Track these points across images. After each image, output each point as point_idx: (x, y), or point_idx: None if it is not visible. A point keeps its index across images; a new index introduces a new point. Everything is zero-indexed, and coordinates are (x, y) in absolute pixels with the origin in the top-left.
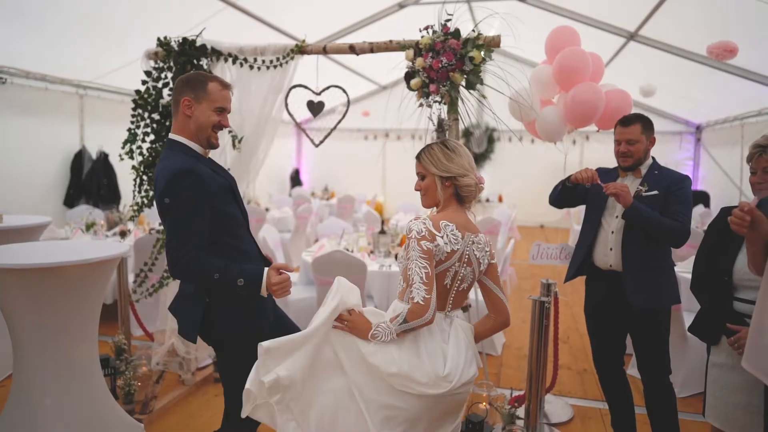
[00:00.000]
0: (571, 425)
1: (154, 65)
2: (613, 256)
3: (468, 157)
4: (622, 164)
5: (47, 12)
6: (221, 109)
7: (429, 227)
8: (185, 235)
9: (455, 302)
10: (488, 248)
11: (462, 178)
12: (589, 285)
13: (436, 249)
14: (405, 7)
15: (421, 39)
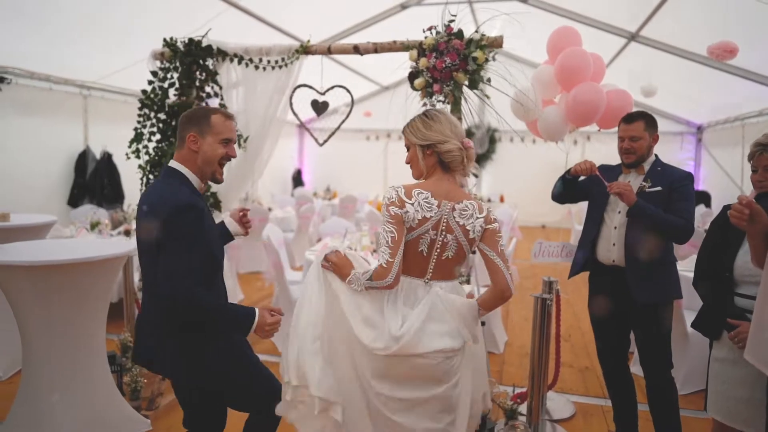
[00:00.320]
0: (573, 421)
1: (160, 65)
2: (616, 251)
3: (450, 124)
4: (625, 161)
5: (51, 12)
6: (227, 140)
7: (400, 194)
8: (186, 270)
9: (438, 271)
10: (480, 214)
11: (442, 144)
12: (592, 281)
13: (405, 215)
14: (407, 8)
15: (424, 39)
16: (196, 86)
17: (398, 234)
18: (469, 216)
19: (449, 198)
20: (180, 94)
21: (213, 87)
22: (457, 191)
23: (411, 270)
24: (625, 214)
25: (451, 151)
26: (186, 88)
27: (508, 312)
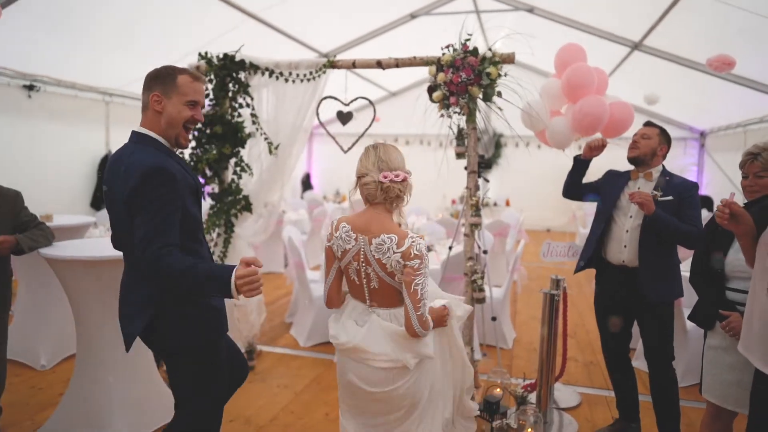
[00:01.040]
0: (579, 410)
1: None
2: (627, 252)
3: (376, 157)
4: (628, 154)
5: (78, 24)
6: (193, 102)
7: (332, 227)
8: (158, 232)
9: (374, 298)
10: (399, 249)
11: (362, 177)
12: (600, 278)
13: (334, 246)
14: (416, 18)
15: (442, 56)
16: (228, 97)
17: (326, 266)
18: (385, 251)
19: (367, 231)
20: (214, 104)
21: (245, 98)
22: (379, 224)
23: (355, 294)
24: (637, 219)
25: (367, 184)
26: (220, 99)
27: (516, 311)
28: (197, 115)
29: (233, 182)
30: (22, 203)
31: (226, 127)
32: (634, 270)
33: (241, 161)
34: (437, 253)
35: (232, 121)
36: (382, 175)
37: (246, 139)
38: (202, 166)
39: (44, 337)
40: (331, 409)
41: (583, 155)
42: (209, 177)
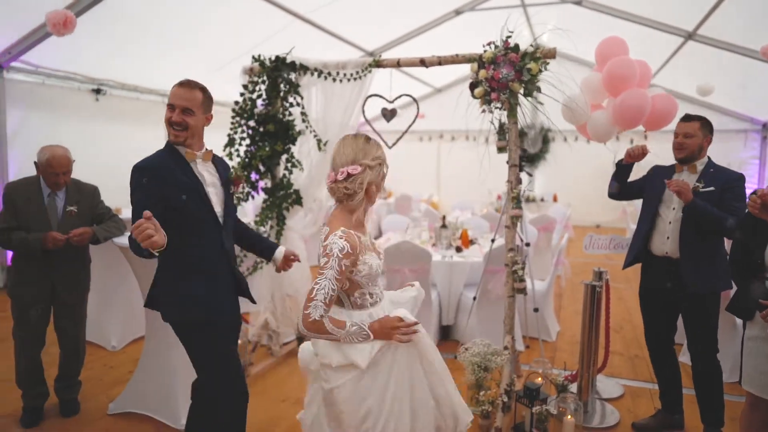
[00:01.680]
0: (622, 401)
1: (249, 79)
2: (670, 244)
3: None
4: (676, 156)
5: (139, 30)
6: (170, 106)
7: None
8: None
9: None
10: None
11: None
12: (645, 269)
13: None
14: (461, 14)
15: (484, 53)
16: (280, 97)
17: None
18: (320, 244)
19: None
20: (267, 104)
21: (295, 98)
22: (331, 219)
23: None
24: (679, 210)
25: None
26: (272, 98)
27: (561, 305)
28: (174, 117)
29: (285, 177)
30: (98, 197)
31: (278, 126)
32: (677, 261)
33: (292, 157)
34: (480, 246)
35: (284, 120)
36: (337, 171)
37: (297, 137)
38: (255, 162)
39: (114, 321)
40: None
41: (624, 160)
42: (262, 173)
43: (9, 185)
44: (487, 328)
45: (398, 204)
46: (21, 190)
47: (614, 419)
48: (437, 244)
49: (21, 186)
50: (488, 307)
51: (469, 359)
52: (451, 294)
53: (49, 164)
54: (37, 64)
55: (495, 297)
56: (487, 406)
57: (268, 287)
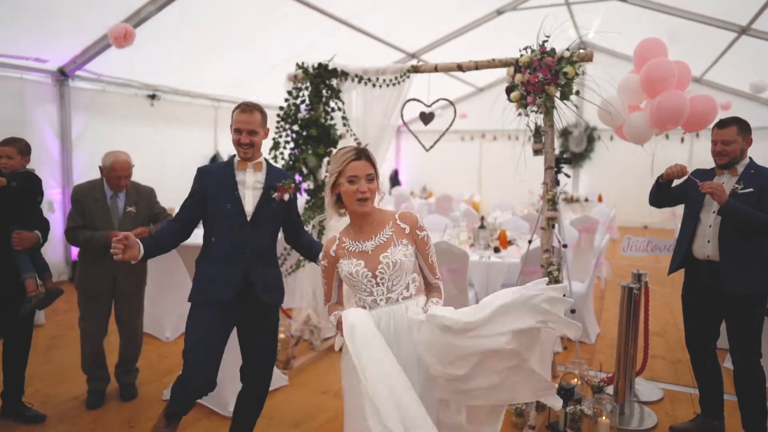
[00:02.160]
0: (661, 404)
1: (293, 86)
2: (710, 247)
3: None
4: (718, 162)
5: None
6: (236, 130)
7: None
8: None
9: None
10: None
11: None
12: (688, 273)
13: None
14: (503, 14)
15: (520, 57)
16: (322, 102)
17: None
18: None
19: None
20: (310, 109)
21: (336, 102)
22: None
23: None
24: (717, 213)
25: None
26: (314, 104)
27: (603, 308)
28: (242, 139)
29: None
30: (155, 198)
31: (320, 130)
32: (718, 264)
33: None
34: (518, 247)
35: (325, 124)
36: None
37: (338, 140)
38: (299, 164)
39: (168, 314)
40: None
41: (664, 176)
42: (305, 175)
43: (76, 188)
44: None
45: (438, 204)
46: (87, 192)
47: (651, 422)
48: (475, 245)
49: (87, 188)
50: None
51: None
52: (488, 294)
53: (112, 168)
54: (98, 72)
55: None
56: (521, 405)
57: (310, 285)
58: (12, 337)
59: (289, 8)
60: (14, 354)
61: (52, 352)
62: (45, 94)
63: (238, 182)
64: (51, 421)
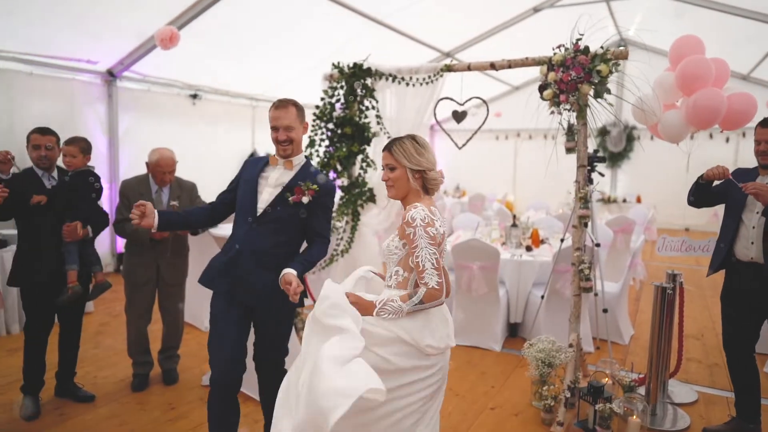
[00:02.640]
0: (694, 407)
1: (329, 85)
2: (755, 249)
3: (433, 153)
4: (760, 162)
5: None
6: (273, 128)
7: (429, 214)
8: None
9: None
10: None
11: (430, 172)
12: (729, 275)
13: (437, 233)
14: (540, 11)
15: (553, 56)
16: (357, 101)
17: (439, 254)
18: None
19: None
20: (345, 107)
21: (371, 101)
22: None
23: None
24: (762, 214)
25: (436, 179)
26: (349, 102)
27: (638, 309)
28: (279, 136)
29: (360, 176)
30: (196, 192)
31: (354, 128)
32: (763, 266)
33: (367, 158)
34: (551, 246)
35: (360, 123)
36: (439, 171)
37: (371, 138)
38: (333, 162)
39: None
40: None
41: (704, 177)
42: (340, 171)
43: (124, 183)
44: (554, 327)
45: (471, 203)
46: (134, 187)
47: (684, 423)
48: (507, 243)
49: (134, 183)
50: (556, 306)
51: (534, 355)
52: (519, 292)
53: (158, 164)
54: (144, 73)
55: (563, 296)
56: (550, 401)
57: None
58: (65, 323)
59: (325, 9)
60: (67, 338)
61: (100, 338)
62: (94, 94)
63: (262, 177)
64: (100, 401)
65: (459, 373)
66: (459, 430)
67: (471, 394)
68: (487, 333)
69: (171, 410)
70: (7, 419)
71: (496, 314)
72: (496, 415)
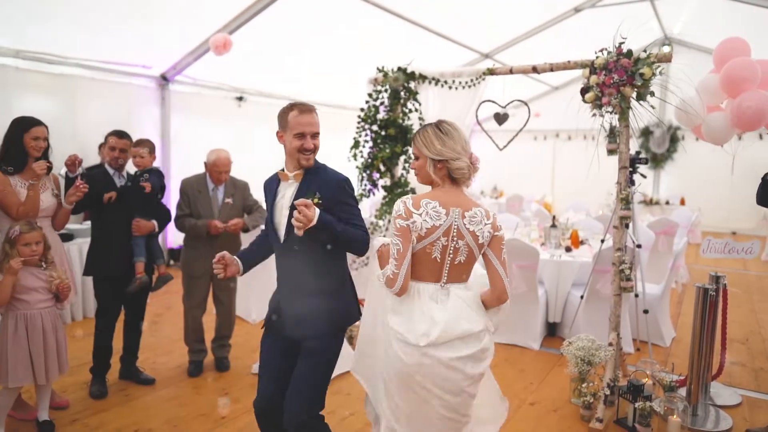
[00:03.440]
0: (738, 409)
1: (374, 88)
2: None
3: (461, 140)
4: None
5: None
6: (300, 135)
7: (407, 206)
8: None
9: (452, 275)
10: (488, 221)
11: (454, 161)
12: None
13: (413, 225)
14: (581, 11)
15: (596, 60)
16: (400, 104)
17: (403, 246)
18: (478, 222)
19: (459, 206)
20: (388, 110)
21: (413, 104)
22: (466, 199)
23: (427, 275)
24: None
25: (462, 168)
26: (393, 105)
27: (681, 312)
28: (306, 144)
29: (402, 177)
30: (248, 191)
31: (398, 130)
32: None
33: (409, 158)
34: (590, 247)
35: (403, 124)
36: (472, 158)
37: None
38: (377, 162)
39: (254, 298)
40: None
41: None
42: (383, 172)
43: (184, 181)
44: (594, 327)
45: (509, 204)
46: (192, 185)
47: (726, 425)
48: (546, 243)
49: (192, 181)
50: (596, 306)
51: (573, 352)
52: (558, 292)
53: (215, 164)
54: (194, 77)
55: (603, 297)
56: (589, 398)
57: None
58: (131, 310)
59: (365, 12)
60: (132, 325)
61: (156, 327)
62: (149, 97)
63: (278, 198)
64: (160, 384)
65: (497, 369)
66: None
67: (510, 390)
68: (526, 331)
69: (225, 394)
70: (79, 397)
71: (534, 313)
72: (536, 411)
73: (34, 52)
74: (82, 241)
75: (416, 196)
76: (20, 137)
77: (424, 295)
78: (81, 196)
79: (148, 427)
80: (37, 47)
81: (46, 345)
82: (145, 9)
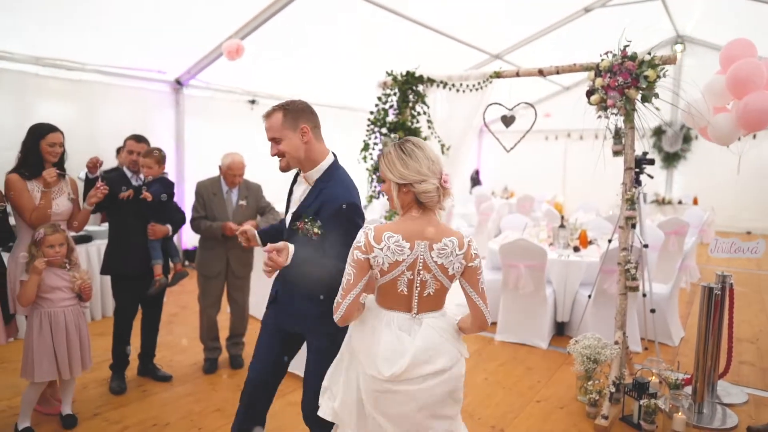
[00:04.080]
0: (744, 407)
1: (383, 92)
2: None
3: (428, 160)
4: None
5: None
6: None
7: (369, 239)
8: None
9: (423, 306)
10: (460, 251)
11: (419, 184)
12: None
13: (374, 260)
14: (591, 11)
15: (601, 62)
16: (409, 106)
17: (354, 279)
18: (448, 254)
19: (425, 237)
20: (397, 113)
21: (422, 107)
22: (435, 229)
23: (396, 305)
24: None
25: (428, 191)
26: (402, 108)
27: (689, 312)
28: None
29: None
30: (261, 193)
31: (407, 132)
32: None
33: None
34: (599, 247)
35: (411, 127)
36: (442, 179)
37: None
38: None
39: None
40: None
41: None
42: None
43: (199, 184)
44: (601, 326)
45: (519, 204)
46: (207, 187)
47: (731, 423)
48: (554, 243)
49: (207, 184)
50: (603, 305)
51: (579, 351)
52: (566, 292)
53: (229, 167)
54: (207, 81)
55: (610, 296)
56: (595, 395)
57: None
58: (148, 309)
59: (375, 15)
60: (149, 323)
61: (172, 326)
62: (163, 101)
63: (293, 192)
64: (176, 381)
65: (505, 368)
66: (506, 419)
67: (517, 387)
68: (534, 330)
69: (239, 391)
70: (99, 393)
71: (542, 312)
72: (542, 408)
73: (54, 59)
74: (100, 243)
75: (379, 228)
76: (37, 143)
77: (393, 325)
78: (101, 198)
79: (166, 422)
80: (56, 54)
81: (70, 341)
82: (160, 17)
